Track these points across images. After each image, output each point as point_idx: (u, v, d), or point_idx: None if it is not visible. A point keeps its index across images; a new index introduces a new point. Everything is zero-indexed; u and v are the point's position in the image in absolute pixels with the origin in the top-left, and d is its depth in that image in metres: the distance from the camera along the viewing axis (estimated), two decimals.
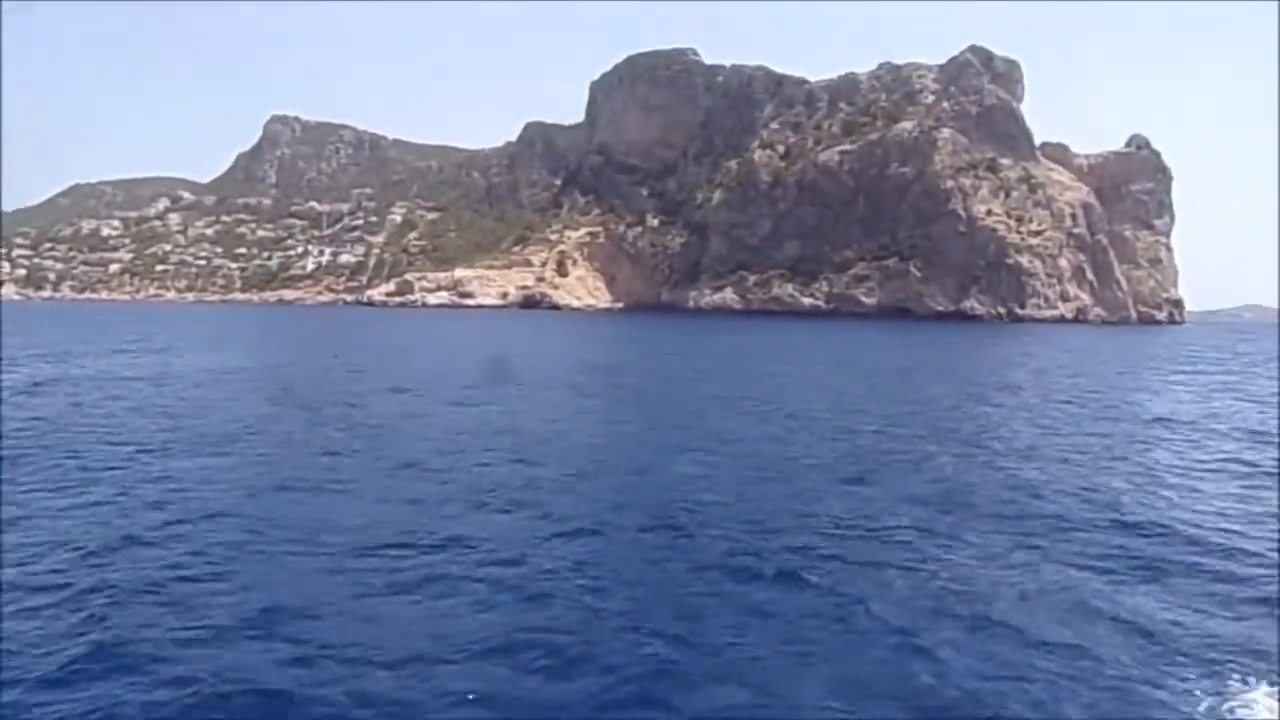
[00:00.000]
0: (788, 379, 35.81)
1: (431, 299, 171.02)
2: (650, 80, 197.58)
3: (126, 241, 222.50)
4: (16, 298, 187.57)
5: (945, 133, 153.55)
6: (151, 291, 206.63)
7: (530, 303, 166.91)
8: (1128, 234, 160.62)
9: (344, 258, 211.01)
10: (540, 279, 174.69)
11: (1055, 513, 12.92)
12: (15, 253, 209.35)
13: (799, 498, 13.53)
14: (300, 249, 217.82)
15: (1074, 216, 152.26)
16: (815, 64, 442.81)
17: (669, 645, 7.70)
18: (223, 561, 9.76)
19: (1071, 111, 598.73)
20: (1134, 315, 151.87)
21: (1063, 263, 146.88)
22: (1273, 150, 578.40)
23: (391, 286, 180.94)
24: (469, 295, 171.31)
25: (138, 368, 33.87)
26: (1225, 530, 12.17)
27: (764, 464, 16.27)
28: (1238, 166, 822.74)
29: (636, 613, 8.41)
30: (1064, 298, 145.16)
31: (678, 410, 25.44)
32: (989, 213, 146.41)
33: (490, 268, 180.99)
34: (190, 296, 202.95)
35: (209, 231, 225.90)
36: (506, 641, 7.77)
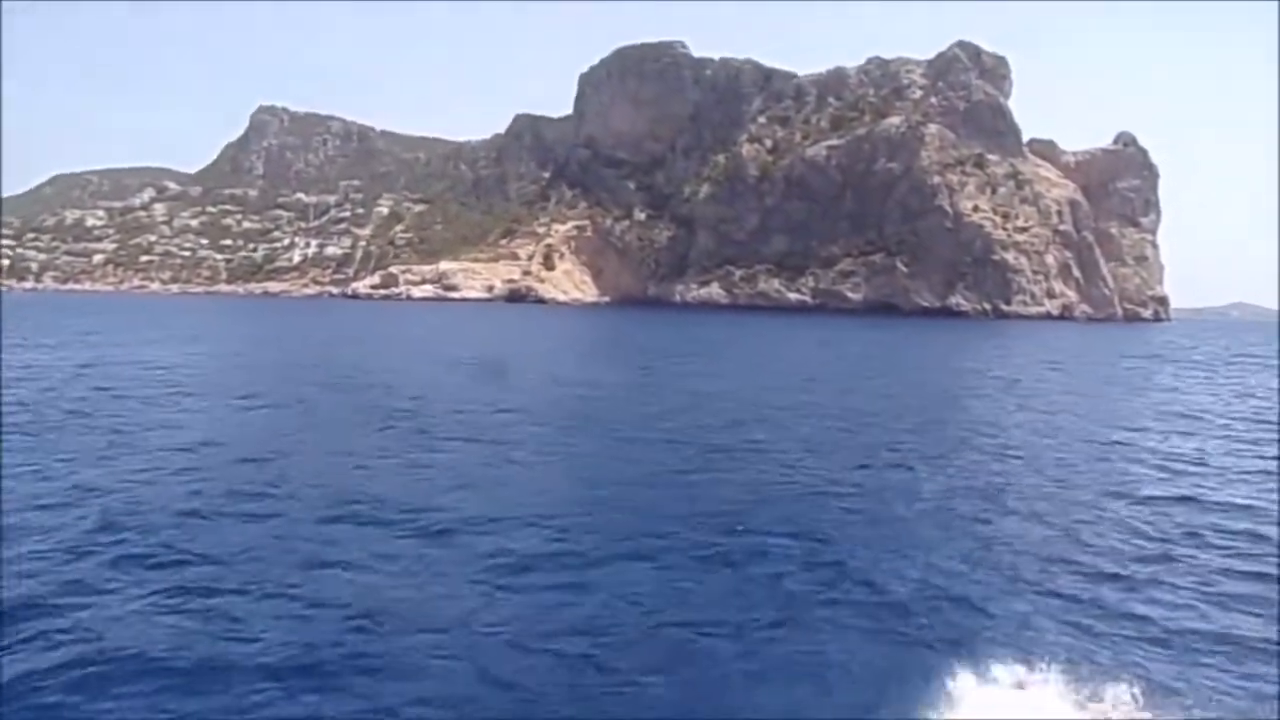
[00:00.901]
0: (717, 382, 35.15)
1: (416, 292, 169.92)
2: (639, 73, 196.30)
3: (111, 232, 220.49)
4: None
5: (933, 128, 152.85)
6: (136, 282, 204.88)
7: (516, 296, 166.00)
8: (1114, 231, 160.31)
9: (330, 249, 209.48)
10: (526, 272, 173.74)
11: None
12: None
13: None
14: (287, 240, 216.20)
15: (1060, 213, 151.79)
16: (804, 58, 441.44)
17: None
18: None
19: (1059, 108, 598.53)
20: (1120, 312, 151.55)
21: (1049, 259, 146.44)
22: (1262, 149, 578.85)
23: (376, 279, 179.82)
24: (454, 288, 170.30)
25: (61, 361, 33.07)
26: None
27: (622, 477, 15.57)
28: (1227, 165, 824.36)
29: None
30: (1050, 294, 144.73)
31: (589, 417, 24.74)
32: (976, 209, 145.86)
33: (476, 260, 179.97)
34: (175, 288, 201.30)
35: (194, 222, 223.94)
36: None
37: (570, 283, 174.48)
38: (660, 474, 15.73)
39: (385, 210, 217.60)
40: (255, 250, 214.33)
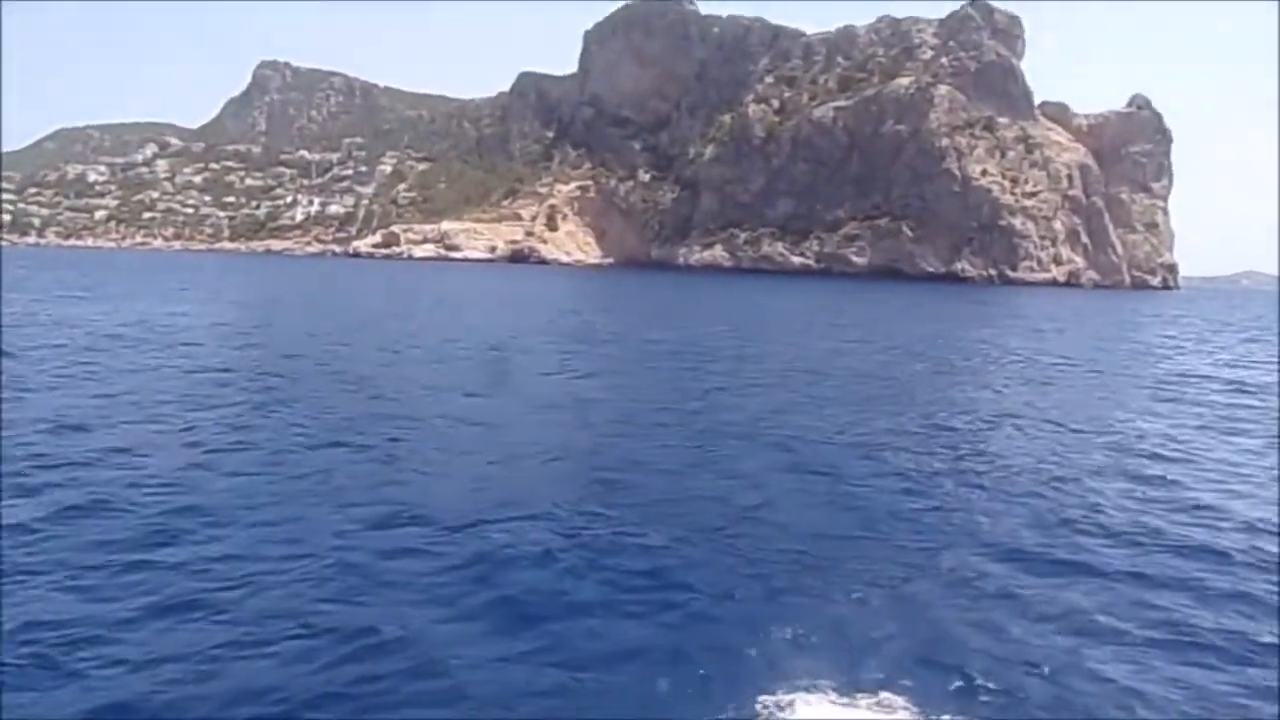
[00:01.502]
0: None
1: (418, 251, 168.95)
2: (645, 30, 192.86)
3: (113, 188, 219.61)
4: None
5: (942, 89, 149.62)
6: (138, 239, 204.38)
7: (518, 257, 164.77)
8: (1124, 196, 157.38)
9: (333, 208, 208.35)
10: (529, 233, 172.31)
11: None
12: None
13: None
14: (289, 198, 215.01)
15: (1070, 178, 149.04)
16: (813, 16, 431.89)
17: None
18: None
19: (1074, 69, 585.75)
20: (1127, 280, 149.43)
21: (1057, 225, 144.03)
22: (1274, 119, 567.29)
23: (377, 238, 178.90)
24: (455, 248, 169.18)
25: None
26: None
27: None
28: (1241, 135, 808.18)
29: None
30: (1057, 261, 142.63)
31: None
32: (984, 173, 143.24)
33: (479, 221, 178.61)
34: (177, 245, 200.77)
35: (197, 179, 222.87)
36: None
37: (573, 244, 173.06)
38: (571, 443, 15.06)
39: (388, 169, 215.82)
40: (258, 208, 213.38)
